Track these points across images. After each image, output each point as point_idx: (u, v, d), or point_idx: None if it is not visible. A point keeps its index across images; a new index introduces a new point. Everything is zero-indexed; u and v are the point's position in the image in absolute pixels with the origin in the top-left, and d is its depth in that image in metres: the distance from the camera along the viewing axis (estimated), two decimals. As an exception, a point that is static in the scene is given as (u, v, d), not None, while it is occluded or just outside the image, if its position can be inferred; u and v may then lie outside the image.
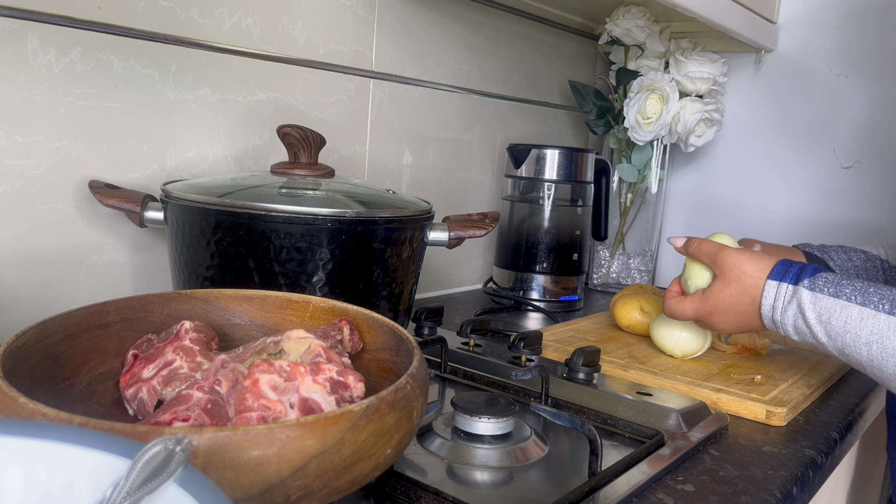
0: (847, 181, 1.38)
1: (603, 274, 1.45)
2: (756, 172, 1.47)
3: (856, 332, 0.66)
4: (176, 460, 0.31)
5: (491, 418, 0.63)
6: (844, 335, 0.66)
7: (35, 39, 0.73)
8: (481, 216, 0.83)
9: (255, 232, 0.68)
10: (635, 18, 1.31)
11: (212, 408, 0.47)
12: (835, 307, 0.67)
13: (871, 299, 0.66)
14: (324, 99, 1.02)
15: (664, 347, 0.93)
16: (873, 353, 0.65)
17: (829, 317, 0.67)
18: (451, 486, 0.57)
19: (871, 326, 0.65)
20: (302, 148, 0.78)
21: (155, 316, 0.59)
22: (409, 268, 0.77)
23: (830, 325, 0.67)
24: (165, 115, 0.85)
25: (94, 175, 0.80)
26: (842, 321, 0.66)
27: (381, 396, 0.42)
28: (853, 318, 0.66)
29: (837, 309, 0.67)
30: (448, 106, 1.23)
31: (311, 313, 0.61)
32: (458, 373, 0.82)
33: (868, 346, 0.65)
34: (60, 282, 0.79)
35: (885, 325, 0.64)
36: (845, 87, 1.36)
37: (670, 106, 1.29)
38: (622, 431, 0.71)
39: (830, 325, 0.67)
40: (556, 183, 1.21)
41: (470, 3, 1.23)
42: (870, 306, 0.65)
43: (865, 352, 0.65)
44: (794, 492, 0.64)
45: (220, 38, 0.89)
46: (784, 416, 0.77)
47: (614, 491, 0.57)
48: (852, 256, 0.91)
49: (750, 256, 0.75)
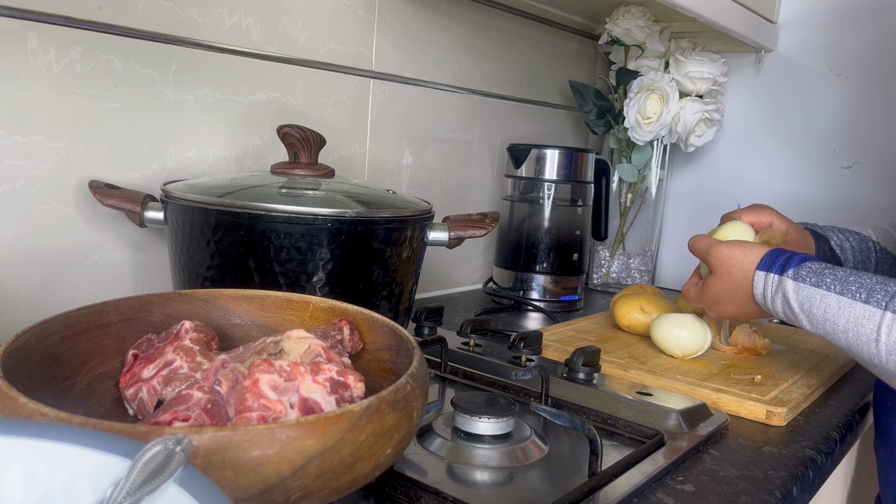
0: (847, 181, 1.38)
1: (603, 274, 1.45)
2: (756, 172, 1.47)
3: (834, 320, 0.69)
4: (176, 460, 0.31)
5: (491, 418, 0.63)
6: (824, 323, 0.70)
7: (35, 39, 0.73)
8: (481, 216, 0.83)
9: (255, 232, 0.68)
10: (635, 18, 1.31)
11: (212, 408, 0.47)
12: (815, 296, 0.70)
13: (849, 288, 0.68)
14: (324, 99, 1.02)
15: (664, 347, 0.93)
16: (850, 340, 0.68)
17: (810, 305, 0.70)
18: (451, 486, 0.57)
19: (848, 315, 0.67)
20: (302, 148, 0.78)
21: (155, 316, 0.59)
22: (409, 268, 0.77)
23: (812, 313, 0.70)
24: (165, 115, 0.85)
25: (94, 175, 0.80)
26: (822, 309, 0.70)
27: (381, 396, 0.42)
28: (832, 307, 0.69)
29: (818, 297, 0.70)
30: (448, 106, 1.23)
31: (311, 313, 0.61)
32: (458, 373, 0.82)
33: (845, 334, 0.68)
34: (60, 282, 0.79)
35: (860, 314, 0.67)
36: (845, 87, 1.36)
37: (670, 106, 1.29)
38: (622, 431, 0.71)
39: (812, 314, 0.70)
40: (556, 183, 1.21)
41: (470, 3, 1.23)
42: (847, 295, 0.68)
43: (843, 339, 0.68)
44: (794, 492, 0.64)
45: (220, 38, 0.89)
46: (784, 416, 0.77)
47: (614, 491, 0.57)
48: (849, 237, 0.95)
49: (739, 249, 0.79)
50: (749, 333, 0.98)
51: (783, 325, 1.17)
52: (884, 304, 0.65)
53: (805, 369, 0.93)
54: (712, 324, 0.99)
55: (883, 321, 0.65)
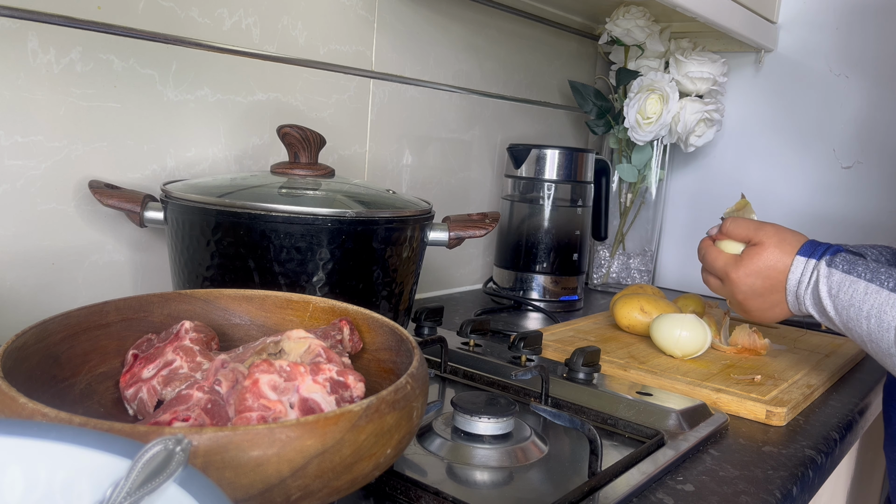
0: (847, 181, 1.38)
1: (603, 274, 1.45)
2: (756, 172, 1.47)
3: (859, 305, 0.69)
4: (176, 460, 0.31)
5: (491, 418, 0.63)
6: (849, 308, 0.70)
7: (35, 39, 0.73)
8: (481, 216, 0.83)
9: (255, 232, 0.68)
10: (635, 18, 1.31)
11: (212, 408, 0.47)
12: (844, 281, 0.71)
13: (878, 277, 0.69)
14: (324, 99, 1.02)
15: (664, 347, 0.93)
16: (872, 327, 0.68)
17: (837, 290, 0.71)
18: (451, 486, 0.57)
19: (873, 300, 0.68)
20: (302, 148, 0.78)
21: (155, 316, 0.59)
22: (409, 268, 0.77)
23: (838, 298, 0.71)
24: (165, 115, 0.85)
25: (94, 175, 0.80)
26: (848, 295, 0.70)
27: (381, 396, 0.42)
28: (859, 292, 0.69)
29: (847, 283, 0.71)
30: (448, 106, 1.23)
31: (311, 313, 0.61)
32: (458, 373, 0.82)
33: (868, 320, 0.68)
34: (60, 282, 0.79)
35: (885, 300, 0.67)
36: (845, 87, 1.36)
37: (670, 106, 1.29)
38: (622, 431, 0.71)
39: (838, 299, 0.71)
40: (556, 183, 1.21)
41: (470, 3, 1.23)
42: (876, 283, 0.69)
43: (865, 325, 0.69)
44: (794, 492, 0.64)
45: (220, 38, 0.89)
46: (784, 416, 0.77)
47: (614, 491, 0.57)
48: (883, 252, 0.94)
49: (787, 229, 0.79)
50: (749, 333, 0.98)
51: (783, 325, 1.17)
52: None
53: (805, 369, 0.93)
54: (712, 324, 0.99)
55: None
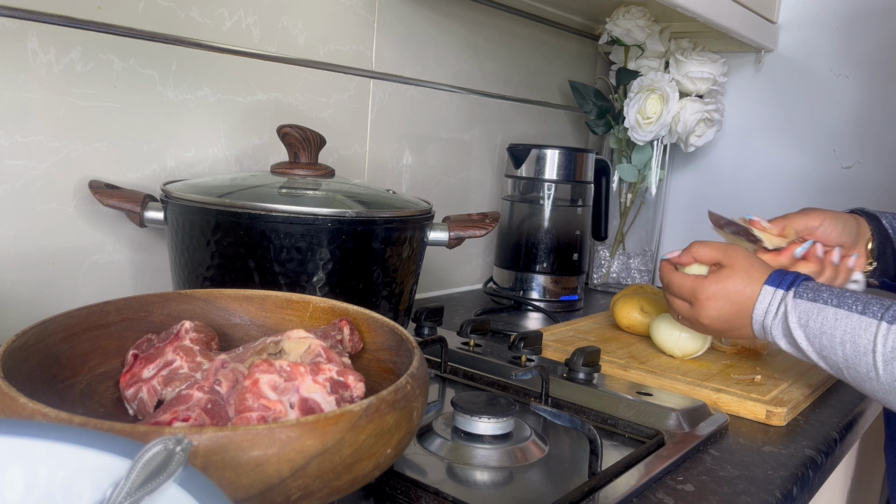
0: (847, 181, 1.38)
1: (603, 274, 1.45)
2: (756, 172, 1.47)
3: (831, 332, 0.68)
4: (176, 460, 0.31)
5: (491, 418, 0.63)
6: (821, 336, 0.69)
7: (35, 39, 0.73)
8: (481, 216, 0.83)
9: (255, 232, 0.68)
10: (635, 18, 1.31)
11: (212, 408, 0.47)
12: (812, 309, 0.70)
13: (845, 301, 0.68)
14: (324, 99, 1.02)
15: (664, 347, 0.93)
16: (847, 353, 0.67)
17: (807, 319, 0.70)
18: (451, 486, 0.57)
19: (845, 326, 0.67)
20: (302, 148, 0.78)
21: (155, 316, 0.59)
22: (409, 268, 0.77)
23: (808, 327, 0.70)
24: (165, 115, 0.85)
25: (94, 175, 0.80)
26: (818, 322, 0.69)
27: (381, 396, 0.42)
28: (829, 319, 0.68)
29: (815, 311, 0.69)
30: (448, 106, 1.23)
31: (311, 313, 0.61)
32: (458, 373, 0.82)
33: (842, 346, 0.67)
34: (60, 282, 0.79)
35: (856, 324, 0.66)
36: (845, 87, 1.36)
37: (670, 106, 1.29)
38: (622, 431, 0.71)
39: (808, 328, 0.70)
40: (556, 183, 1.21)
41: (470, 3, 1.23)
42: (844, 307, 0.68)
43: (840, 351, 0.68)
44: (794, 492, 0.64)
45: (220, 38, 0.89)
46: (784, 416, 0.77)
47: (614, 491, 0.57)
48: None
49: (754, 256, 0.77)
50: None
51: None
52: (879, 314, 0.65)
53: (805, 369, 0.93)
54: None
55: (878, 331, 0.65)
